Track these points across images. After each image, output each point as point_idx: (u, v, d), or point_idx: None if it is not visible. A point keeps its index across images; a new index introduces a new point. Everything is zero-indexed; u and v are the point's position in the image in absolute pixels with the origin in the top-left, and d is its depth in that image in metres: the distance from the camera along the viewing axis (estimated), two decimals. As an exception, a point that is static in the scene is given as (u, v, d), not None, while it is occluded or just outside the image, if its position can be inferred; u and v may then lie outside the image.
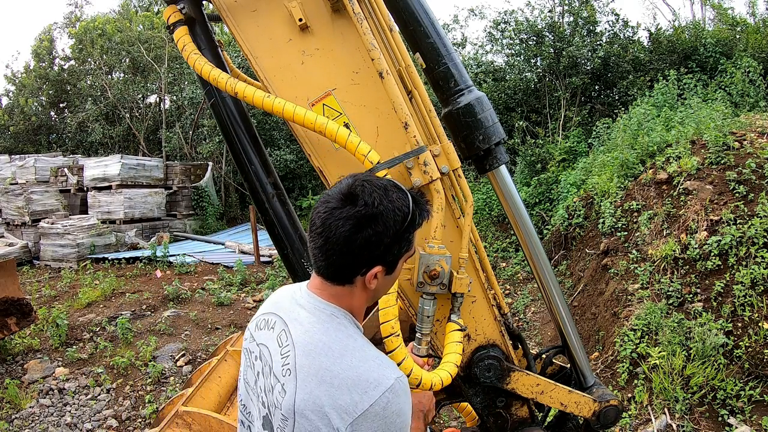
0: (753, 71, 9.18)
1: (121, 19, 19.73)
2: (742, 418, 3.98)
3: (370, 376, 1.14)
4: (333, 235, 1.15)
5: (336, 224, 1.15)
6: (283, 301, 1.34)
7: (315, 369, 1.14)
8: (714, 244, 4.90)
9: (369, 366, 1.16)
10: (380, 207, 1.16)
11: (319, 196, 1.25)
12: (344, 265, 1.19)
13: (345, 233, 1.14)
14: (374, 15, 1.72)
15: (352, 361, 1.15)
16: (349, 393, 1.11)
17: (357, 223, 1.15)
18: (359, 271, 1.20)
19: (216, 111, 1.99)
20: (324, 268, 1.22)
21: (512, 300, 7.85)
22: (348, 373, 1.13)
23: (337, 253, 1.16)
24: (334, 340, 1.18)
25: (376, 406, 1.11)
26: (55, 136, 20.70)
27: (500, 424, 1.99)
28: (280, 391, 1.18)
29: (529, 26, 12.42)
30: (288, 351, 1.20)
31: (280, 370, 1.19)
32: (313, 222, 1.20)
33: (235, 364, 3.34)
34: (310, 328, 1.21)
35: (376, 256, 1.19)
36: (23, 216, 12.04)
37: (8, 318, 5.85)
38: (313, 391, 1.12)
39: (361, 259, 1.18)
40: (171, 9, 1.82)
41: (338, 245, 1.15)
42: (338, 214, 1.15)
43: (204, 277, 9.56)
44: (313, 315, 1.23)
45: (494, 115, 1.80)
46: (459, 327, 1.73)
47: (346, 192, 1.18)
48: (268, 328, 1.31)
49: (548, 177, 10.21)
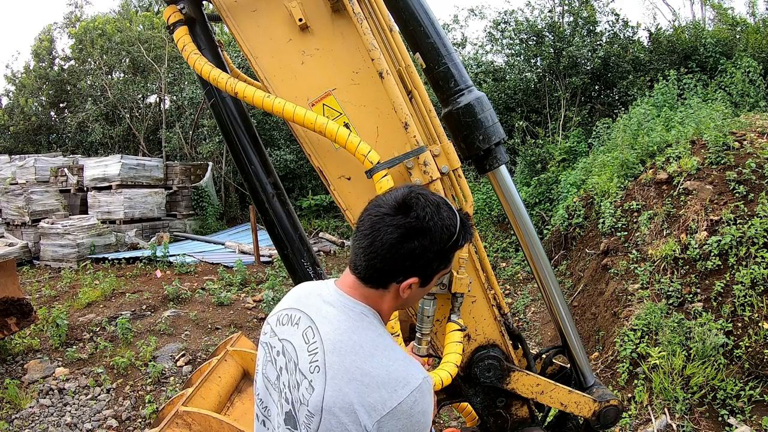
0: (753, 71, 9.18)
1: (121, 19, 19.73)
2: (742, 418, 3.98)
3: (399, 374, 1.16)
4: (379, 240, 1.17)
5: (385, 230, 1.17)
6: (307, 298, 1.35)
7: (345, 367, 1.16)
8: (714, 244, 4.90)
9: (398, 365, 1.18)
10: (430, 222, 1.19)
11: (370, 202, 1.27)
12: (383, 270, 1.21)
13: (391, 240, 1.17)
14: (374, 15, 1.72)
15: (382, 359, 1.17)
16: (378, 391, 1.13)
17: (405, 233, 1.17)
18: (396, 279, 1.23)
19: (216, 111, 1.99)
20: (362, 268, 1.23)
21: (512, 300, 7.85)
22: (378, 371, 1.15)
23: (380, 257, 1.19)
24: (364, 339, 1.20)
25: (404, 405, 1.13)
26: (55, 136, 20.70)
27: (500, 424, 1.99)
28: (307, 388, 1.19)
29: (529, 26, 12.42)
30: (316, 348, 1.21)
31: (308, 367, 1.20)
32: (362, 222, 1.22)
33: (235, 364, 3.34)
34: (339, 326, 1.22)
35: (416, 267, 1.21)
36: (23, 216, 12.04)
37: (8, 318, 5.84)
38: (342, 388, 1.14)
39: (401, 268, 1.21)
40: (171, 9, 1.82)
41: (383, 250, 1.18)
42: (389, 220, 1.18)
43: (204, 277, 9.56)
44: (342, 313, 1.25)
45: (494, 115, 1.80)
46: (459, 327, 1.73)
47: (401, 201, 1.20)
48: (292, 323, 1.31)
49: (548, 177, 10.21)
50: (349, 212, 1.77)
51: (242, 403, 3.13)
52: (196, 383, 2.93)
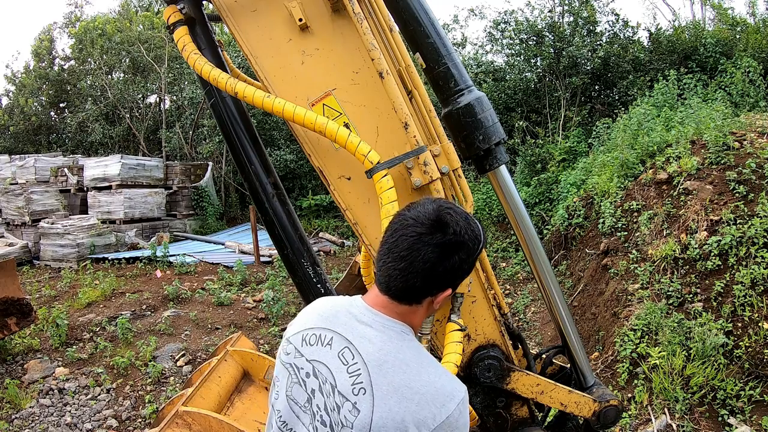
0: (753, 71, 9.17)
1: (121, 19, 19.74)
2: (742, 418, 3.98)
3: (446, 390, 1.20)
4: (420, 260, 1.19)
5: (425, 250, 1.19)
6: (337, 317, 1.32)
7: (395, 386, 1.17)
8: (714, 244, 4.90)
9: (444, 380, 1.22)
10: (465, 236, 1.23)
11: (396, 217, 1.27)
12: (422, 288, 1.23)
13: (433, 259, 1.19)
14: (374, 15, 1.72)
15: (429, 376, 1.21)
16: (428, 407, 1.16)
17: (446, 251, 1.20)
18: (431, 293, 1.25)
19: (216, 111, 1.99)
20: (399, 289, 1.24)
21: (512, 300, 7.85)
22: (427, 388, 1.18)
23: (421, 277, 1.20)
24: (409, 357, 1.23)
25: (451, 418, 1.18)
26: (55, 136, 20.71)
27: (500, 424, 1.99)
28: (350, 410, 1.19)
29: (529, 26, 12.42)
30: (357, 369, 1.21)
31: (350, 389, 1.20)
32: (395, 244, 1.22)
33: (235, 364, 3.34)
34: (383, 346, 1.23)
35: (453, 280, 1.26)
36: (23, 216, 12.04)
37: (8, 318, 5.84)
38: (392, 408, 1.16)
39: (439, 284, 1.24)
40: (171, 9, 1.82)
41: (424, 270, 1.20)
42: (427, 239, 1.19)
43: (204, 277, 9.56)
44: (383, 333, 1.25)
45: (494, 115, 1.80)
46: (459, 327, 1.73)
47: (434, 218, 1.22)
48: (323, 344, 1.29)
49: (548, 177, 10.21)
50: (349, 212, 1.76)
51: (242, 403, 3.13)
52: (196, 383, 2.93)
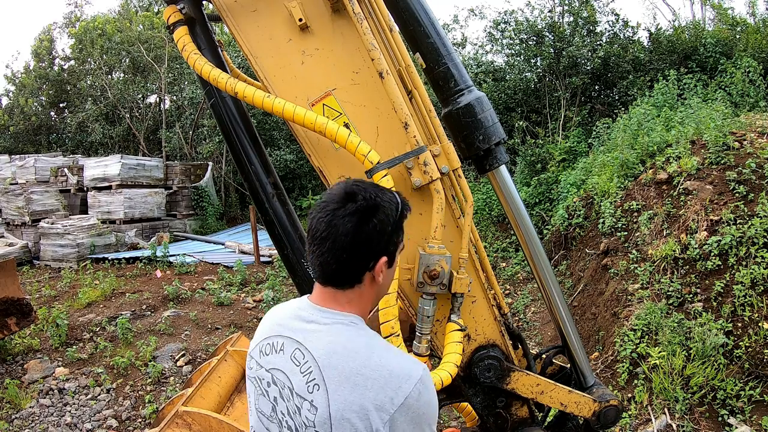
0: (753, 71, 9.17)
1: (121, 19, 19.73)
2: (742, 418, 3.98)
3: (401, 370, 1.18)
4: (340, 234, 1.18)
5: (341, 222, 1.18)
6: (285, 322, 1.32)
7: (345, 375, 1.16)
8: (714, 244, 4.90)
9: (397, 361, 1.20)
10: (378, 199, 1.23)
11: (313, 206, 1.27)
12: (353, 262, 1.22)
13: (352, 228, 1.18)
14: (374, 15, 1.72)
15: (380, 359, 1.19)
16: (384, 391, 1.15)
17: (362, 216, 1.19)
18: (368, 266, 1.24)
19: (216, 111, 1.99)
20: (334, 272, 1.23)
21: (512, 300, 7.85)
22: (380, 372, 1.17)
23: (347, 249, 1.19)
24: (358, 344, 1.21)
25: (410, 399, 1.16)
26: (55, 136, 20.70)
27: (500, 424, 1.99)
28: (309, 409, 1.19)
29: (529, 26, 12.41)
30: (309, 367, 1.21)
31: (305, 388, 1.20)
32: (315, 229, 1.21)
33: (235, 364, 3.34)
34: (332, 339, 1.22)
35: (382, 246, 1.24)
36: (23, 216, 12.04)
37: (8, 318, 5.84)
38: (347, 397, 1.15)
39: (369, 252, 1.22)
40: (171, 9, 1.82)
41: (347, 242, 1.19)
42: (341, 212, 1.19)
43: (204, 277, 9.56)
44: (331, 327, 1.24)
45: (494, 115, 1.80)
46: (459, 327, 1.73)
47: (343, 192, 1.23)
48: (276, 351, 1.29)
49: (548, 177, 10.21)
50: (349, 212, 1.76)
51: (242, 403, 3.13)
52: (196, 383, 2.93)
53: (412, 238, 1.75)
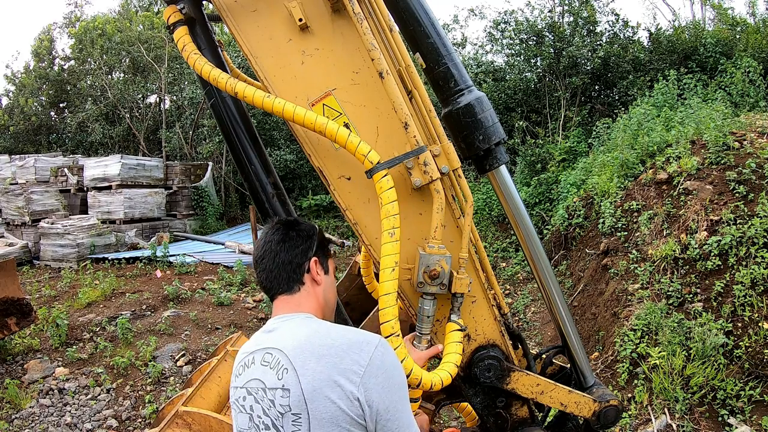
0: (753, 71, 9.17)
1: (121, 19, 19.73)
2: (742, 418, 3.98)
3: (358, 338, 1.28)
4: (272, 246, 1.45)
5: (272, 238, 1.47)
6: (254, 343, 1.42)
7: (309, 351, 1.25)
8: (714, 244, 4.90)
9: (354, 332, 1.32)
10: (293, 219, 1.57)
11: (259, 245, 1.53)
12: (288, 262, 1.44)
13: (279, 237, 1.47)
14: (374, 15, 1.72)
15: (339, 330, 1.32)
16: (348, 355, 1.23)
17: (283, 230, 1.49)
18: (304, 267, 1.45)
19: (216, 111, 1.99)
20: (277, 277, 1.43)
21: (512, 300, 7.85)
22: (341, 340, 1.27)
23: (280, 254, 1.44)
24: (317, 326, 1.35)
25: (375, 360, 1.24)
26: (55, 136, 20.70)
27: (500, 424, 1.99)
28: (282, 396, 1.24)
29: (529, 26, 12.41)
30: (277, 359, 1.29)
31: (275, 378, 1.27)
32: (255, 255, 1.49)
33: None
34: (294, 331, 1.33)
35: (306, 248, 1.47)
36: (23, 216, 12.03)
37: (8, 318, 5.84)
38: (315, 368, 1.22)
39: (298, 254, 1.45)
40: (171, 9, 1.82)
41: (278, 249, 1.45)
42: (269, 237, 1.48)
43: (204, 277, 9.56)
44: (290, 325, 1.36)
45: (494, 115, 1.80)
46: (459, 327, 1.73)
47: (269, 225, 1.54)
48: (248, 366, 1.38)
49: (548, 177, 10.21)
50: (349, 212, 1.76)
51: (242, 403, 3.13)
52: (196, 383, 2.93)
53: (412, 238, 1.75)
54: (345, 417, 1.19)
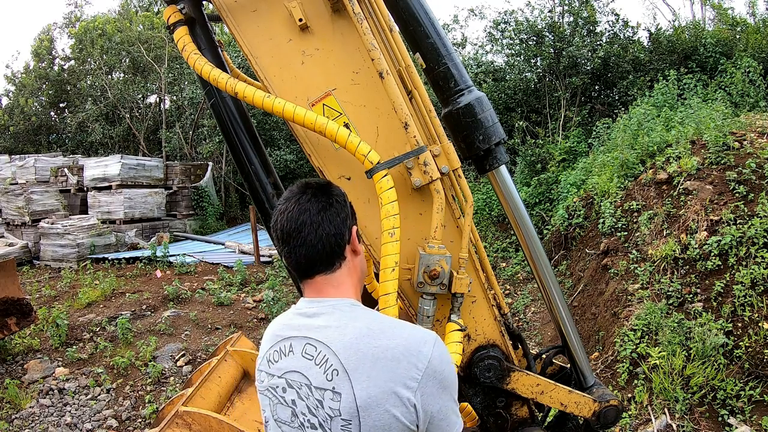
0: (753, 71, 9.17)
1: (121, 19, 19.74)
2: (742, 418, 3.98)
3: (416, 336, 1.19)
4: (312, 215, 1.25)
5: (307, 206, 1.26)
6: (287, 326, 1.32)
7: (363, 352, 1.15)
8: (714, 244, 4.90)
9: (410, 330, 1.22)
10: (324, 183, 1.36)
11: (273, 217, 1.33)
12: (332, 235, 1.26)
13: (319, 205, 1.27)
14: (374, 15, 1.72)
15: (393, 331, 1.20)
16: (405, 359, 1.15)
17: (320, 196, 1.29)
18: (344, 238, 1.29)
19: (216, 111, 1.99)
20: (319, 254, 1.26)
21: (512, 300, 7.85)
22: (396, 341, 1.17)
23: (322, 226, 1.25)
24: (368, 322, 1.22)
25: (433, 361, 1.17)
26: (55, 136, 20.71)
27: (500, 424, 1.99)
28: (332, 398, 1.16)
29: (529, 26, 12.41)
30: (324, 357, 1.19)
31: (323, 378, 1.18)
32: (284, 228, 1.26)
33: (235, 364, 3.34)
34: (340, 324, 1.22)
35: (347, 216, 1.31)
36: (23, 216, 12.03)
37: (8, 318, 5.84)
38: (370, 374, 1.13)
39: (340, 223, 1.28)
40: (171, 9, 1.82)
41: (320, 219, 1.25)
42: (303, 200, 1.27)
43: (204, 277, 9.56)
44: (332, 314, 1.25)
45: (494, 115, 1.80)
46: (459, 327, 1.73)
47: (296, 189, 1.32)
48: (286, 354, 1.28)
49: (548, 177, 10.21)
50: (349, 212, 1.76)
51: (242, 403, 3.13)
52: (196, 383, 2.93)
53: (412, 238, 1.75)
54: (399, 425, 1.14)
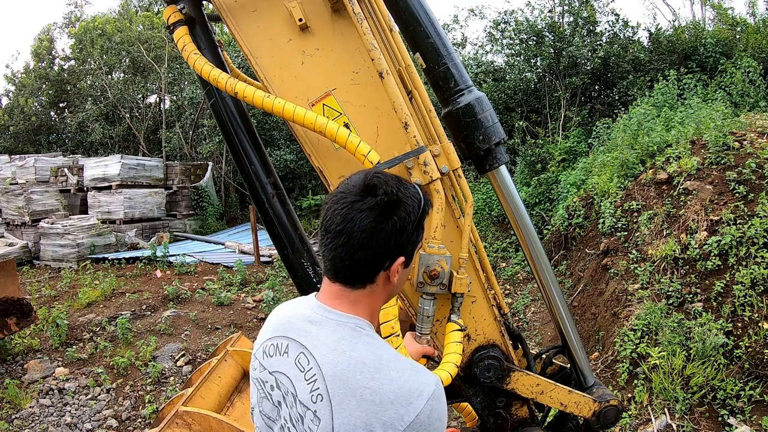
0: (753, 71, 9.17)
1: (121, 19, 19.74)
2: (742, 418, 3.98)
3: (412, 386, 1.10)
4: (357, 229, 1.10)
5: (359, 216, 1.11)
6: (290, 322, 1.25)
7: (352, 389, 1.09)
8: (714, 244, 4.90)
9: (408, 376, 1.12)
10: (399, 194, 1.15)
11: (327, 197, 1.19)
12: (369, 261, 1.14)
13: (370, 224, 1.11)
14: (374, 15, 1.72)
15: (390, 373, 1.11)
16: (393, 407, 1.07)
17: (381, 212, 1.12)
18: (383, 266, 1.16)
19: (216, 111, 1.99)
20: (347, 269, 1.15)
21: (512, 300, 7.85)
22: (389, 386, 1.09)
23: (363, 247, 1.11)
24: (366, 355, 1.13)
25: (421, 416, 1.09)
26: (55, 136, 20.72)
27: (500, 424, 1.99)
28: (312, 419, 1.12)
29: (529, 26, 12.41)
30: (314, 375, 1.13)
31: (308, 397, 1.13)
32: (329, 222, 1.13)
33: (235, 364, 3.34)
34: (336, 346, 1.14)
35: (400, 245, 1.16)
36: (23, 216, 12.04)
37: (8, 318, 5.84)
38: (353, 412, 1.08)
39: (386, 250, 1.14)
40: (171, 9, 1.82)
41: (364, 238, 1.11)
42: (360, 206, 1.11)
43: (204, 277, 9.56)
44: (335, 332, 1.17)
45: (494, 115, 1.80)
46: (459, 327, 1.73)
47: (362, 185, 1.15)
48: (280, 353, 1.22)
49: (548, 177, 10.21)
50: (349, 212, 1.76)
51: (242, 403, 3.13)
52: (196, 383, 2.93)
53: (412, 238, 1.75)
54: None
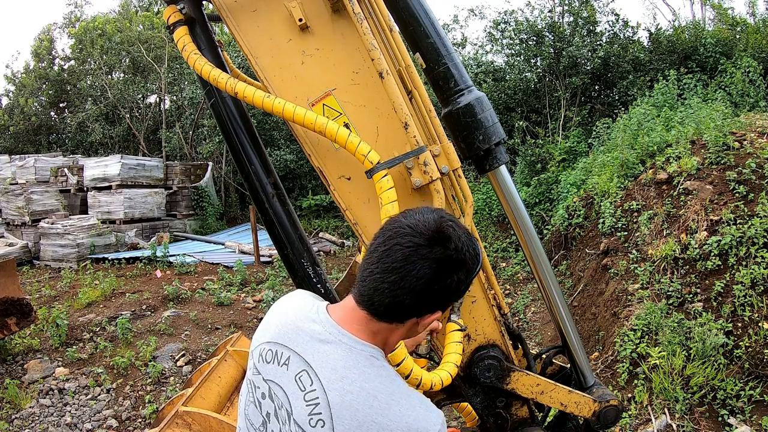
0: (753, 71, 9.17)
1: (121, 19, 19.74)
2: (742, 418, 3.98)
3: (419, 425, 1.08)
4: (413, 275, 1.06)
5: (421, 263, 1.06)
6: (296, 333, 1.19)
7: (359, 421, 1.05)
8: (714, 244, 4.90)
9: (417, 414, 1.10)
10: (467, 254, 1.12)
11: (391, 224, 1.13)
12: (410, 307, 1.11)
13: (429, 276, 1.07)
14: (374, 15, 1.72)
15: (399, 409, 1.08)
16: None
17: (445, 268, 1.08)
18: (419, 314, 1.13)
19: (216, 111, 1.98)
20: (384, 305, 1.10)
21: (512, 300, 7.85)
22: (397, 424, 1.06)
23: (412, 293, 1.08)
24: (378, 388, 1.09)
25: None
26: (55, 136, 20.72)
27: (500, 424, 1.99)
28: None
29: (529, 26, 12.42)
30: (316, 398, 1.09)
31: (306, 420, 1.09)
32: (387, 254, 1.08)
33: (235, 364, 3.34)
34: (347, 374, 1.10)
35: (446, 303, 1.14)
36: (23, 216, 12.04)
37: (8, 318, 5.84)
38: None
39: (431, 303, 1.12)
40: (171, 9, 1.82)
41: (416, 286, 1.07)
42: (425, 252, 1.07)
43: (204, 277, 9.56)
44: (348, 357, 1.12)
45: (494, 115, 1.80)
46: (459, 327, 1.73)
47: (435, 230, 1.10)
48: (279, 363, 1.17)
49: (548, 177, 10.21)
50: (348, 212, 1.76)
51: (242, 403, 3.13)
52: (196, 383, 2.93)
53: (412, 238, 1.75)
54: None
